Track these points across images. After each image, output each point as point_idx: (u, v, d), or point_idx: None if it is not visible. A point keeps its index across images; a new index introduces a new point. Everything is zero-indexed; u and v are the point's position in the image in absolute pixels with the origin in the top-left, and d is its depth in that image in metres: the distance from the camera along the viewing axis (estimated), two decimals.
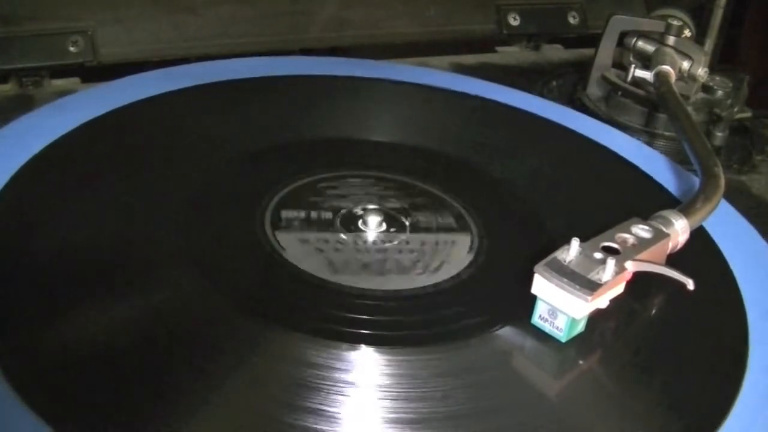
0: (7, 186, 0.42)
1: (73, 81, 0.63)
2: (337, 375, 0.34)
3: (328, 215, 0.45)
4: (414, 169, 0.50)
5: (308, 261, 0.41)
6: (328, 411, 0.32)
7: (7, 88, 0.61)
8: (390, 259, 0.42)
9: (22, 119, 0.49)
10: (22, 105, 0.58)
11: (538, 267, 0.36)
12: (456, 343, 0.37)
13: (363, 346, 0.35)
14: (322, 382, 0.33)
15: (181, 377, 0.33)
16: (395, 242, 0.44)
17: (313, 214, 0.45)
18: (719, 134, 0.61)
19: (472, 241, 0.45)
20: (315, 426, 0.32)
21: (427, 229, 0.45)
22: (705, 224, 0.45)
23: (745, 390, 0.36)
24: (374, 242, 0.44)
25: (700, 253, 0.45)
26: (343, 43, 0.74)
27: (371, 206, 0.46)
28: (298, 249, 0.42)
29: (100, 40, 0.63)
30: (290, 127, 0.53)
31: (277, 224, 0.44)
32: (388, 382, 0.34)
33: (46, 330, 0.34)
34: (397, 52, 0.74)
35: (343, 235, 0.44)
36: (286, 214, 0.45)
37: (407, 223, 0.46)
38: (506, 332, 0.38)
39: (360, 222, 0.45)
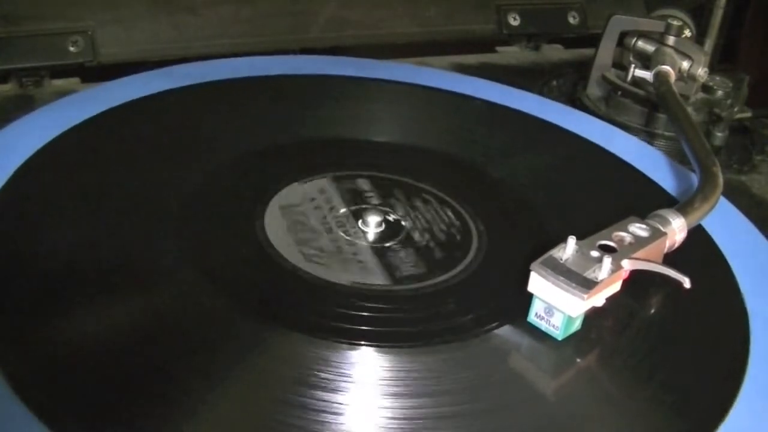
0: (6, 186, 0.42)
1: (73, 81, 0.63)
2: (337, 375, 0.34)
3: (328, 215, 0.45)
4: (414, 169, 0.50)
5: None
6: (328, 410, 0.32)
7: (7, 88, 0.61)
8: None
9: (22, 119, 0.49)
10: (22, 105, 0.58)
11: (534, 265, 0.36)
12: (456, 343, 0.37)
13: (363, 346, 0.36)
14: (322, 382, 0.33)
15: (181, 377, 0.33)
16: (395, 242, 0.44)
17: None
18: (719, 134, 0.61)
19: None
20: (315, 426, 0.32)
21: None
22: (705, 224, 0.45)
23: (745, 390, 0.36)
24: (374, 242, 0.44)
25: (700, 252, 0.45)
26: (343, 43, 0.74)
27: (371, 206, 0.46)
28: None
29: (100, 40, 0.63)
30: (290, 127, 0.53)
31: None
32: (388, 381, 0.34)
33: (46, 330, 0.34)
34: (397, 52, 0.74)
35: (342, 235, 0.44)
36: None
37: (407, 223, 0.46)
38: (506, 332, 0.38)
39: (360, 222, 0.45)
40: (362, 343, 0.36)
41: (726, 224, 0.48)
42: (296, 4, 0.71)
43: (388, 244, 0.44)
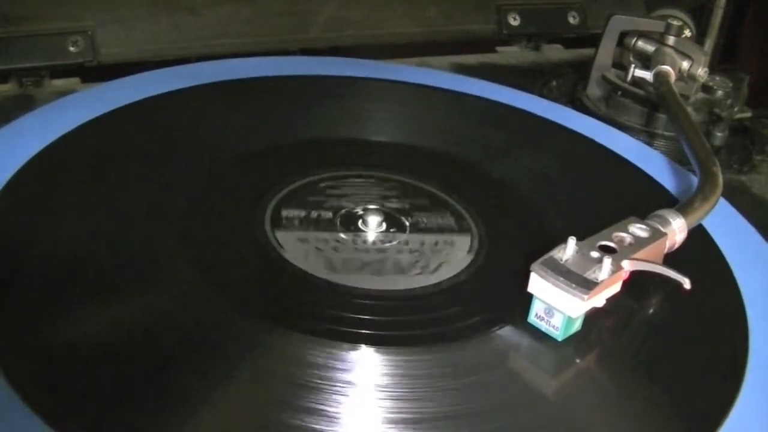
0: (7, 186, 0.42)
1: (73, 81, 0.63)
2: (337, 375, 0.34)
3: (328, 215, 0.45)
4: (414, 169, 0.50)
5: (308, 261, 0.41)
6: (328, 411, 0.32)
7: (7, 88, 0.61)
8: (390, 259, 0.42)
9: (22, 119, 0.49)
10: (22, 105, 0.58)
11: (534, 265, 0.36)
12: (456, 343, 0.37)
13: (363, 346, 0.36)
14: (322, 382, 0.34)
15: (182, 377, 0.33)
16: (395, 242, 0.44)
17: (313, 214, 0.45)
18: (719, 134, 0.61)
19: (471, 241, 0.45)
20: (315, 426, 0.32)
21: (427, 230, 0.45)
22: (705, 224, 0.45)
23: (745, 390, 0.36)
24: (374, 242, 0.44)
25: (700, 253, 0.45)
26: (343, 43, 0.74)
27: (371, 206, 0.46)
28: (297, 248, 0.42)
29: (100, 40, 0.63)
30: (290, 127, 0.53)
31: (277, 224, 0.44)
32: (387, 382, 0.34)
33: (46, 330, 0.34)
34: (397, 52, 0.74)
35: (343, 235, 0.44)
36: (286, 213, 0.45)
37: (407, 223, 0.46)
38: (506, 332, 0.38)
39: (360, 222, 0.45)
40: (362, 342, 0.36)
41: (726, 224, 0.48)
42: (296, 4, 0.71)
43: (388, 244, 0.44)
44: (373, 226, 0.44)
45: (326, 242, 0.43)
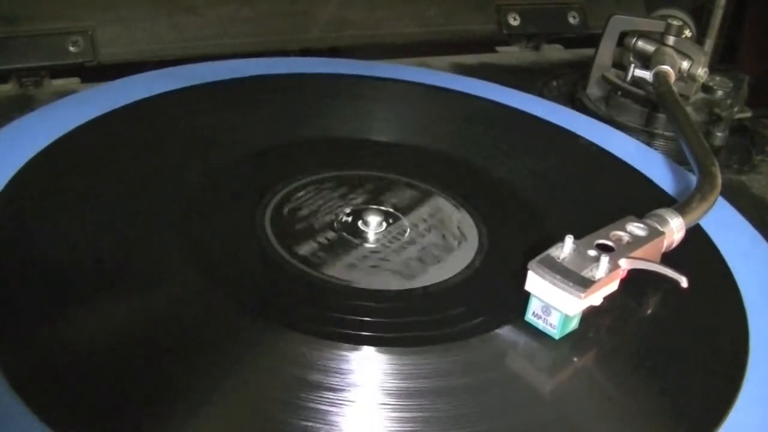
0: (7, 186, 0.42)
1: (73, 81, 0.63)
2: (337, 375, 0.34)
3: (329, 215, 0.45)
4: (414, 168, 0.50)
5: (308, 261, 0.41)
6: (328, 411, 0.32)
7: (7, 88, 0.61)
8: (390, 259, 0.42)
9: (22, 119, 0.49)
10: (22, 105, 0.58)
11: (531, 263, 0.37)
12: (456, 343, 0.37)
13: (363, 346, 0.36)
14: (322, 381, 0.33)
15: (181, 377, 0.33)
16: (395, 242, 0.44)
17: (314, 214, 0.45)
18: (719, 134, 0.61)
19: (471, 241, 0.45)
20: (315, 426, 0.32)
21: (427, 229, 0.45)
22: (704, 224, 0.45)
23: (745, 390, 0.36)
24: (374, 242, 0.44)
25: (700, 252, 0.45)
26: (343, 43, 0.74)
27: (371, 206, 0.46)
28: (298, 248, 0.42)
29: (100, 40, 0.63)
30: (290, 127, 0.53)
31: (277, 224, 0.44)
32: (388, 381, 0.34)
33: (46, 330, 0.34)
34: (397, 52, 0.74)
35: (343, 235, 0.44)
36: (286, 213, 0.45)
37: (407, 223, 0.46)
38: (507, 332, 0.38)
39: (360, 222, 0.45)
40: (362, 342, 0.36)
41: (726, 224, 0.48)
42: (296, 4, 0.71)
43: (388, 244, 0.44)
44: (373, 226, 0.44)
45: (326, 242, 0.43)
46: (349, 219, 0.45)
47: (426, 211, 0.47)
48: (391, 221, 0.45)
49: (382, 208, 0.46)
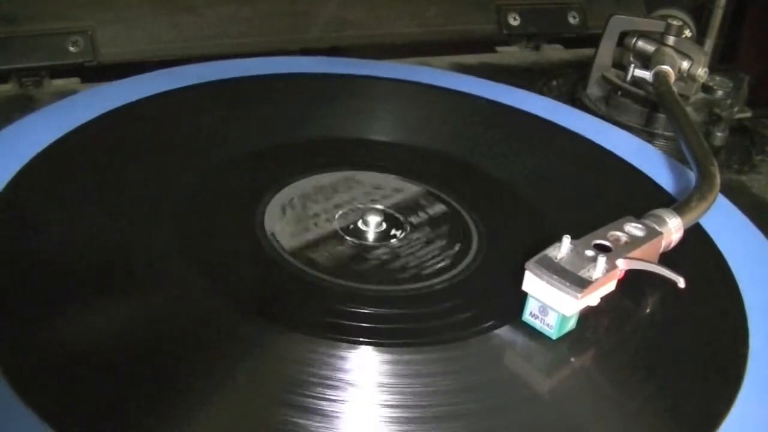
0: (7, 186, 0.42)
1: (73, 81, 0.63)
2: (337, 375, 0.34)
3: (328, 215, 0.45)
4: (413, 168, 0.50)
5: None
6: (328, 411, 0.32)
7: (7, 88, 0.61)
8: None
9: (22, 119, 0.49)
10: (22, 105, 0.58)
11: (528, 264, 0.37)
12: (456, 343, 0.37)
13: (363, 346, 0.36)
14: (322, 381, 0.34)
15: (181, 377, 0.33)
16: (394, 242, 0.44)
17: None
18: (719, 134, 0.61)
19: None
20: (315, 425, 0.32)
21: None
22: (704, 223, 0.45)
23: (745, 390, 0.36)
24: (374, 242, 0.44)
25: (700, 252, 0.45)
26: (343, 43, 0.74)
27: (371, 206, 0.46)
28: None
29: (100, 40, 0.63)
30: (290, 127, 0.53)
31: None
32: (387, 381, 0.34)
33: (46, 330, 0.34)
34: (397, 52, 0.74)
35: (342, 235, 0.44)
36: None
37: (407, 223, 0.46)
38: (505, 332, 0.38)
39: (360, 222, 0.45)
40: (362, 342, 0.36)
41: (726, 224, 0.48)
42: (296, 4, 0.71)
43: (387, 244, 0.44)
44: (372, 226, 0.44)
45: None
46: (349, 219, 0.45)
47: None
48: (390, 221, 0.45)
49: (382, 208, 0.46)
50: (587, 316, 0.38)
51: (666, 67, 0.59)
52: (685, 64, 0.61)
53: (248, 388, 0.33)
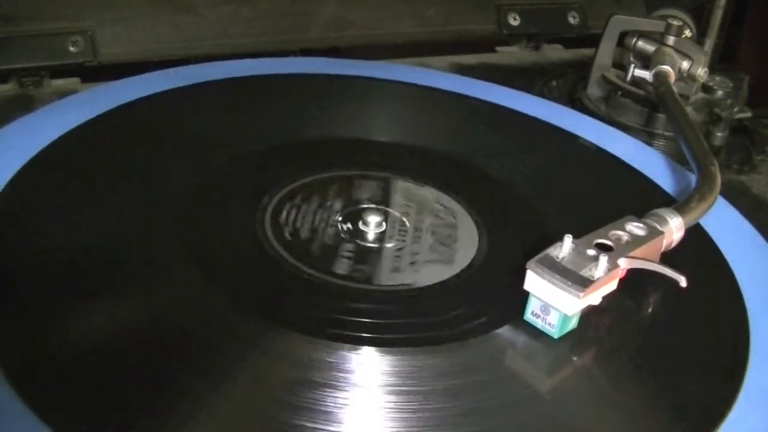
0: (7, 186, 0.42)
1: (73, 81, 0.63)
2: (337, 375, 0.34)
3: (328, 215, 0.45)
4: (413, 168, 0.50)
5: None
6: (328, 411, 0.32)
7: (7, 88, 0.61)
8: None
9: (22, 119, 0.49)
10: (22, 105, 0.58)
11: (530, 263, 0.37)
12: (456, 343, 0.37)
13: (363, 346, 0.36)
14: (322, 382, 0.33)
15: (182, 377, 0.33)
16: (395, 242, 0.44)
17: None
18: (719, 134, 0.61)
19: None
20: (315, 426, 0.32)
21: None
22: (704, 224, 0.45)
23: (745, 390, 0.36)
24: (374, 242, 0.44)
25: (700, 252, 0.45)
26: (343, 43, 0.74)
27: (371, 206, 0.46)
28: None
29: (100, 40, 0.63)
30: (290, 127, 0.53)
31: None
32: (388, 381, 0.34)
33: (46, 330, 0.34)
34: (397, 52, 0.74)
35: (343, 235, 0.44)
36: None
37: (407, 223, 0.46)
38: (507, 332, 0.38)
39: (360, 221, 0.45)
40: (362, 342, 0.36)
41: (726, 224, 0.48)
42: (296, 4, 0.71)
43: (388, 244, 0.44)
44: (373, 226, 0.44)
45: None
46: (349, 219, 0.45)
47: (426, 212, 0.47)
48: (390, 221, 0.45)
49: (382, 208, 0.46)
50: (589, 315, 0.38)
51: (666, 67, 0.59)
52: (685, 64, 0.61)
53: (248, 388, 0.33)
